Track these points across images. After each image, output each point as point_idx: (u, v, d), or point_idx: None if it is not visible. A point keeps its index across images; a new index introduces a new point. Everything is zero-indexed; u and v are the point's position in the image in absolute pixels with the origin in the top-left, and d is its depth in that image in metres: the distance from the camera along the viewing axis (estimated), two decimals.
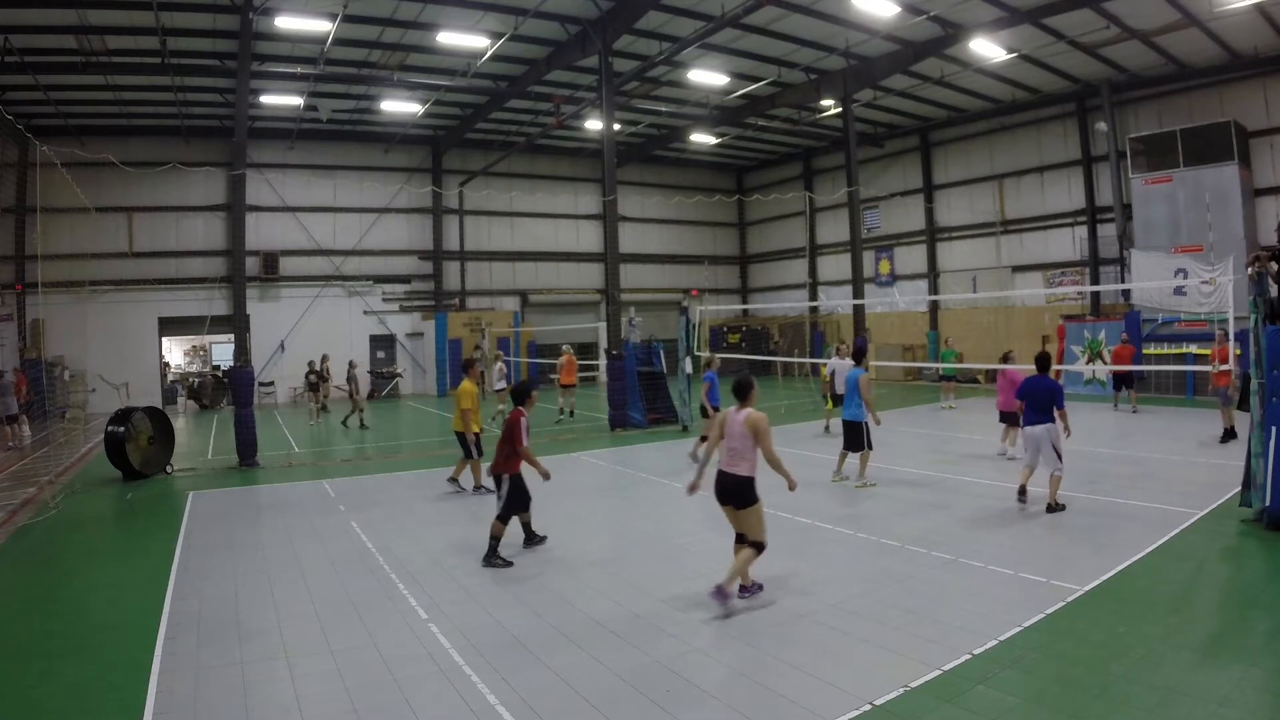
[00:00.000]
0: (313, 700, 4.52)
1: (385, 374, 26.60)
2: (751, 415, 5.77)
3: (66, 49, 16.97)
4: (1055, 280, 23.67)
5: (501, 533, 7.24)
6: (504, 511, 7.27)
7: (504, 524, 7.25)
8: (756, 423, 5.71)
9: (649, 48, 18.86)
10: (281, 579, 6.90)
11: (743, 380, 6.00)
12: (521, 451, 7.26)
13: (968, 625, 5.27)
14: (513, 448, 7.25)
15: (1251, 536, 7.22)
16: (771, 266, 34.31)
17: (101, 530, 9.52)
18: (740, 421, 5.77)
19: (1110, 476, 9.99)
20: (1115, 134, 21.34)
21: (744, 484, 5.75)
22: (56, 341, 22.63)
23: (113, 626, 5.89)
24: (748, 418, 5.76)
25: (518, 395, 7.64)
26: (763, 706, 4.30)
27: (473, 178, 28.11)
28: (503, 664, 4.91)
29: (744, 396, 5.93)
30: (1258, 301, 7.63)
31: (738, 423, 5.80)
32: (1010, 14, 16.86)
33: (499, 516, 7.25)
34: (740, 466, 5.74)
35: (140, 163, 21.37)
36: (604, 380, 18.84)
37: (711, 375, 12.38)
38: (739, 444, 5.76)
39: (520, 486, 7.36)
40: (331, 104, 22.60)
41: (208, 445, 16.24)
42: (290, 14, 15.80)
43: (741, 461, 5.75)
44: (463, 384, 10.38)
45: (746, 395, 5.93)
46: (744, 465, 5.74)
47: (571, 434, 16.05)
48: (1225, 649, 4.89)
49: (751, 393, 5.90)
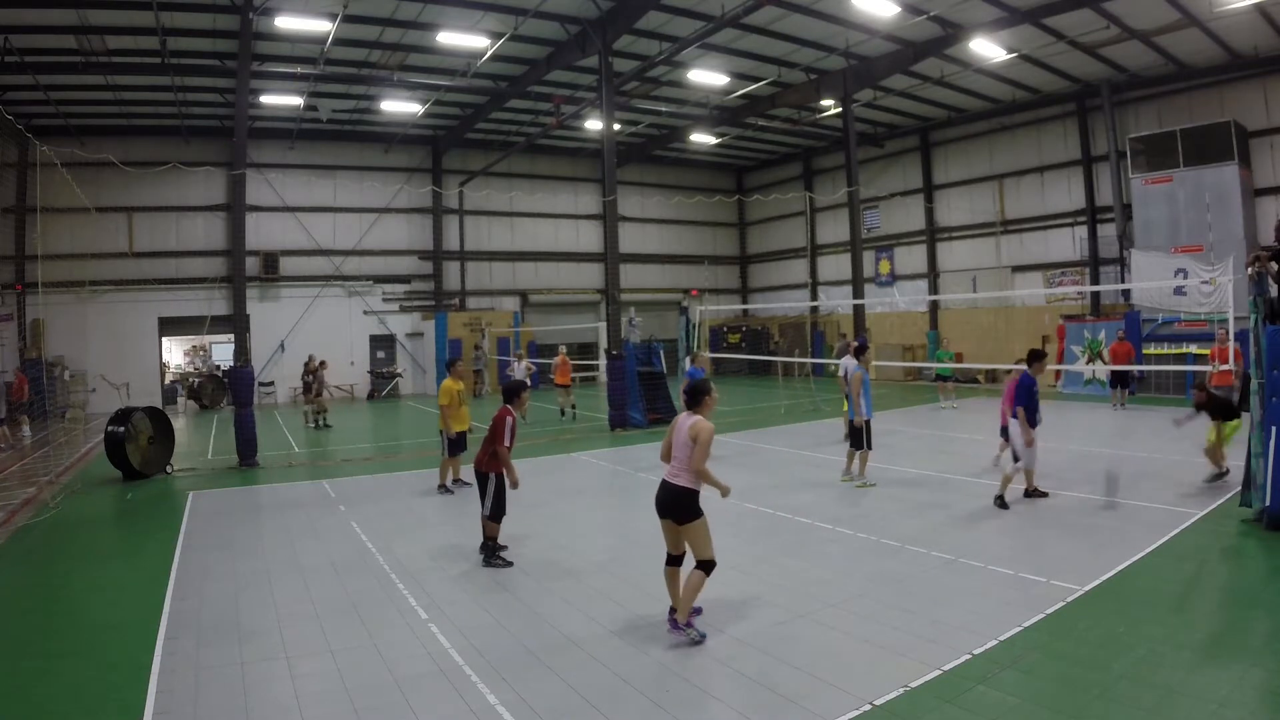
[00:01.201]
0: (313, 700, 4.52)
1: (385, 374, 26.61)
2: (697, 423, 5.31)
3: (66, 49, 16.96)
4: (1055, 280, 23.66)
5: (495, 532, 7.22)
6: (494, 511, 7.17)
7: (496, 523, 7.21)
8: (699, 432, 5.25)
9: (649, 48, 18.87)
10: (281, 579, 6.90)
11: (697, 384, 5.57)
12: (499, 451, 7.12)
13: (968, 625, 5.27)
14: (494, 447, 7.19)
15: (1251, 536, 7.22)
16: (771, 266, 34.31)
17: (101, 530, 9.51)
18: (686, 429, 5.33)
19: (1110, 476, 9.98)
20: (1115, 134, 21.35)
21: (684, 496, 5.28)
22: (56, 341, 22.62)
23: (113, 626, 5.89)
24: (693, 425, 5.32)
25: (507, 394, 7.57)
26: (762, 706, 4.30)
27: (473, 178, 28.12)
28: (502, 664, 4.91)
29: (696, 402, 5.46)
30: (1258, 301, 7.63)
31: (684, 430, 5.35)
32: (1010, 14, 16.85)
33: (490, 516, 7.17)
34: (682, 477, 5.31)
35: (140, 163, 21.38)
36: (604, 380, 18.85)
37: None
38: (682, 453, 5.33)
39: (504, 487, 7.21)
40: (331, 104, 22.60)
41: (208, 445, 16.24)
42: (290, 14, 15.80)
43: (684, 472, 5.31)
44: (444, 382, 10.49)
45: (699, 400, 5.45)
46: (686, 476, 5.30)
47: (571, 434, 16.06)
48: (1225, 649, 4.89)
49: (706, 398, 5.50)
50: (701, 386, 5.56)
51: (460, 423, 10.51)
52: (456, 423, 10.46)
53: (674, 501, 5.30)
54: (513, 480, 7.17)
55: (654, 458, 13.11)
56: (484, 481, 7.21)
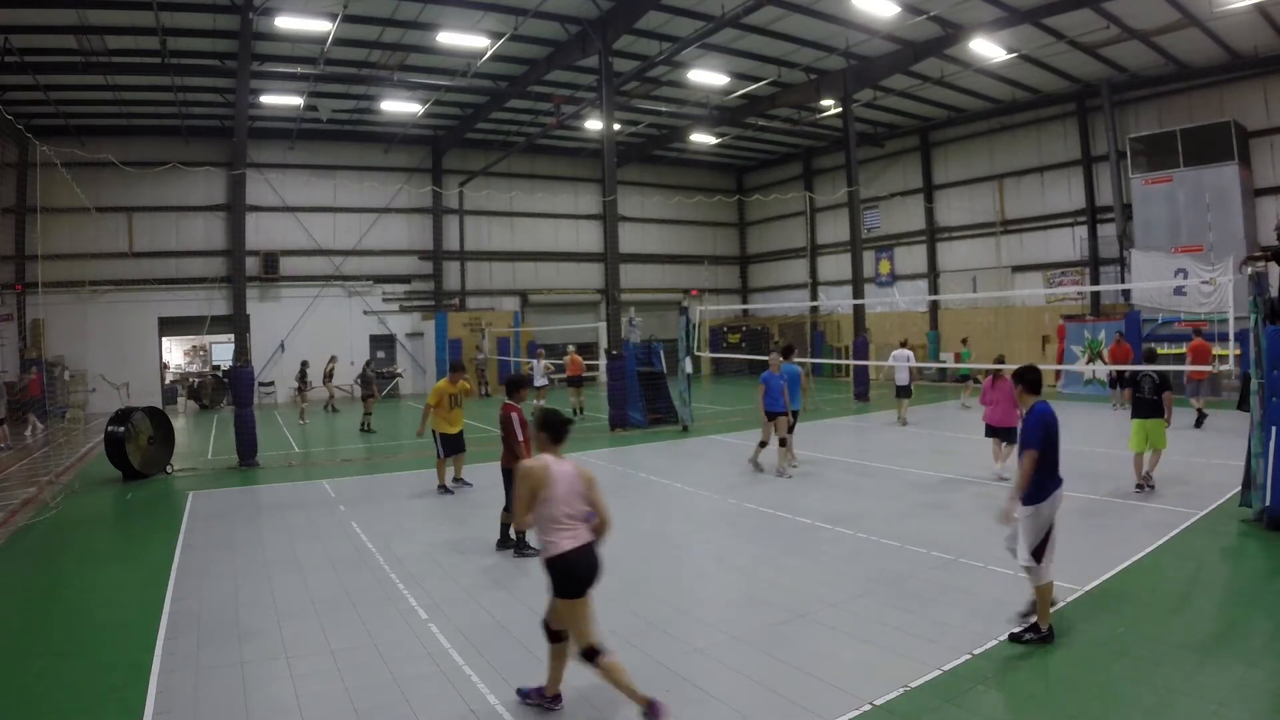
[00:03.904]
0: (313, 700, 4.52)
1: (385, 374, 26.60)
2: (575, 465, 4.31)
3: (66, 49, 16.95)
4: (1055, 280, 23.66)
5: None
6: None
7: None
8: (586, 471, 4.31)
9: (649, 48, 18.87)
10: (281, 579, 6.90)
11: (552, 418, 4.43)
12: (517, 449, 7.14)
13: (968, 625, 5.27)
14: (510, 444, 7.23)
15: (1251, 536, 7.22)
16: (771, 266, 34.30)
17: (101, 530, 9.51)
18: (575, 474, 4.22)
19: (1110, 476, 9.97)
20: (1115, 134, 21.35)
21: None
22: (56, 341, 22.62)
23: (113, 626, 5.89)
24: (576, 467, 4.28)
25: (509, 389, 7.59)
26: (763, 706, 4.30)
27: (473, 178, 28.11)
28: (503, 664, 4.91)
29: (554, 436, 4.39)
30: (1258, 301, 7.63)
31: (572, 475, 4.20)
32: (1010, 14, 16.86)
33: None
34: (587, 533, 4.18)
35: (140, 163, 21.40)
36: (604, 380, 18.88)
37: (772, 376, 11.12)
38: (580, 502, 4.18)
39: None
40: (331, 104, 22.60)
41: (208, 445, 16.24)
42: (290, 14, 15.80)
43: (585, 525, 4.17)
44: (438, 383, 10.61)
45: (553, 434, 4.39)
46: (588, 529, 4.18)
47: (571, 434, 16.03)
48: (1225, 649, 4.88)
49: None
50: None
51: (451, 425, 10.38)
52: (444, 424, 10.31)
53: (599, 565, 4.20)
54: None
55: (655, 458, 13.17)
56: (510, 477, 7.24)
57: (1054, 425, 5.24)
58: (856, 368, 20.72)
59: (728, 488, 10.16)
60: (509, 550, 7.40)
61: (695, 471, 11.66)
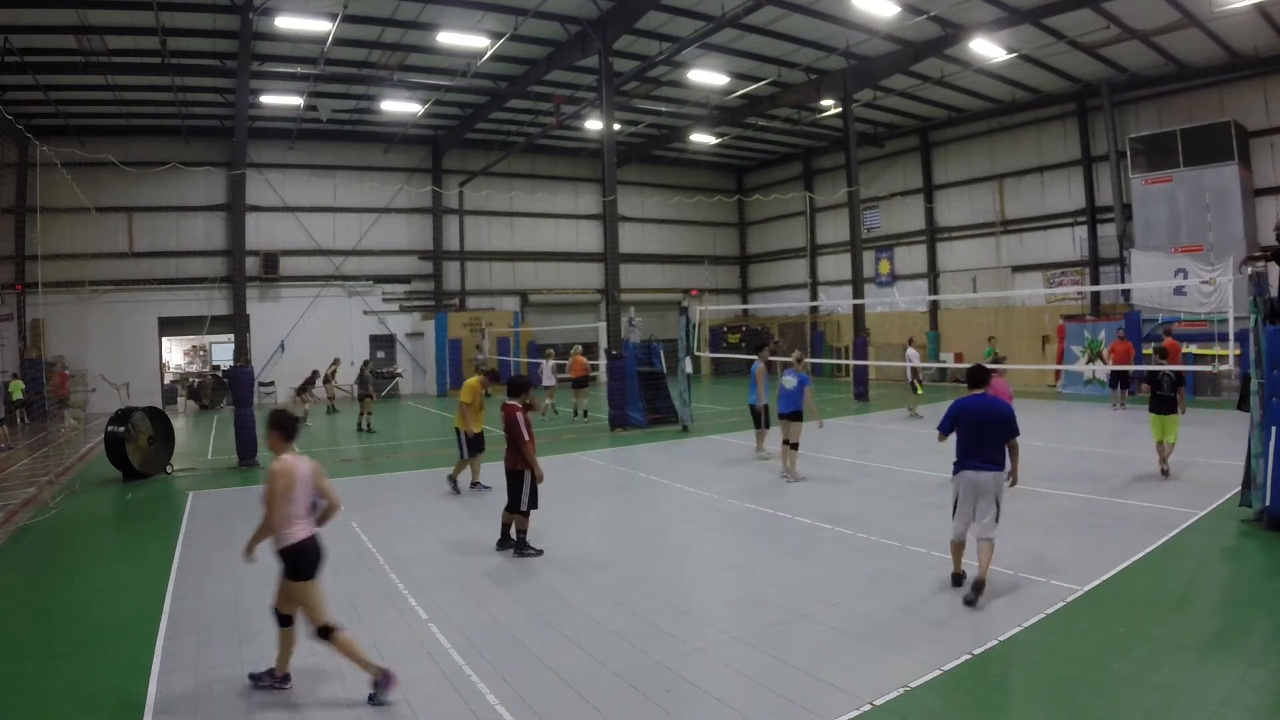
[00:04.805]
0: (313, 700, 4.51)
1: (384, 374, 26.60)
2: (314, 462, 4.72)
3: (66, 49, 16.96)
4: (1055, 280, 23.67)
5: (526, 525, 7.38)
6: (527, 505, 7.34)
7: (526, 516, 7.37)
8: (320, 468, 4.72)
9: (649, 48, 18.87)
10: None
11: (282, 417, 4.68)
12: (522, 448, 7.20)
13: (968, 625, 5.27)
14: (517, 445, 7.26)
15: (1251, 536, 7.22)
16: (771, 266, 34.31)
17: (101, 530, 9.51)
18: (310, 472, 4.61)
19: (1110, 476, 9.98)
20: (1115, 134, 21.35)
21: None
22: (56, 341, 22.63)
23: (113, 626, 5.89)
24: (314, 465, 4.66)
25: (512, 390, 7.59)
26: (762, 706, 4.29)
27: (473, 178, 28.12)
28: (503, 664, 4.91)
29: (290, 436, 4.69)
30: (1258, 301, 7.63)
31: (310, 474, 4.61)
32: (1010, 14, 16.86)
33: (523, 511, 7.34)
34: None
35: (140, 163, 21.41)
36: (604, 380, 18.87)
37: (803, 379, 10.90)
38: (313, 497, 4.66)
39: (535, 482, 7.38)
40: (331, 104, 22.60)
41: (208, 445, 16.23)
42: (290, 14, 15.80)
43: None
44: (470, 380, 10.46)
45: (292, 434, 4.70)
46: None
47: (572, 434, 16.05)
48: (1225, 649, 4.89)
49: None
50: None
51: (477, 424, 10.44)
52: (477, 423, 10.38)
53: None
54: (537, 474, 7.31)
55: (655, 458, 13.18)
56: (517, 479, 7.33)
57: (965, 413, 6.13)
58: (856, 368, 20.71)
59: (728, 488, 10.17)
60: (509, 550, 7.43)
61: (695, 471, 11.66)
